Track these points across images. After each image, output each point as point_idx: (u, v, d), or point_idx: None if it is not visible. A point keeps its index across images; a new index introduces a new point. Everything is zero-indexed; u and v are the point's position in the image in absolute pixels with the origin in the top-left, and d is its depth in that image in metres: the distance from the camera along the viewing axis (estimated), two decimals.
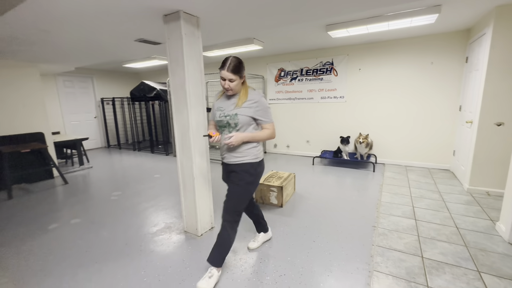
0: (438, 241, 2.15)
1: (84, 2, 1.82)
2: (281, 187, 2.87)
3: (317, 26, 3.28)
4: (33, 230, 2.57)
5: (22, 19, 2.08)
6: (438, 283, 1.67)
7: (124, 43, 3.16)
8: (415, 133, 4.26)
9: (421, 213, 2.65)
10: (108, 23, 2.35)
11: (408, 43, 4.06)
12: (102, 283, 1.76)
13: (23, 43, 2.84)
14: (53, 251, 2.19)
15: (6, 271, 1.95)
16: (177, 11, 2.00)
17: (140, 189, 3.67)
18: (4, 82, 3.85)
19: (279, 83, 5.40)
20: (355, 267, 1.86)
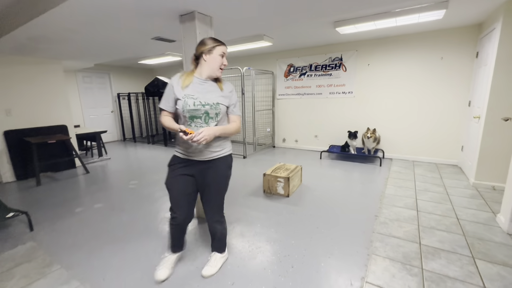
0: (437, 230, 2.25)
1: (110, 4, 2.01)
2: (287, 178, 3.02)
3: (326, 23, 3.36)
4: (61, 213, 2.84)
5: (53, 21, 2.30)
6: (432, 266, 1.78)
7: (142, 41, 3.36)
8: (424, 128, 4.29)
9: (423, 205, 2.74)
10: (129, 23, 2.54)
11: (417, 38, 4.07)
12: (126, 258, 1.98)
13: (51, 42, 3.10)
14: (81, 230, 2.44)
15: (41, 246, 2.20)
16: (192, 12, 2.16)
17: (156, 179, 3.90)
18: (31, 78, 4.15)
19: (288, 78, 5.50)
20: (355, 251, 1.99)
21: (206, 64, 1.50)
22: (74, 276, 1.79)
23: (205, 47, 1.49)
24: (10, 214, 2.41)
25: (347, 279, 1.69)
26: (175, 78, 1.53)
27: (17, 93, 4.02)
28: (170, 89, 1.51)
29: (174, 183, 1.61)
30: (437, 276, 1.69)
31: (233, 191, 3.27)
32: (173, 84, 1.51)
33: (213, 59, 1.50)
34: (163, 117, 1.54)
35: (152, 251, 2.08)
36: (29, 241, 2.28)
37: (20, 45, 3.19)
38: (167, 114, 1.55)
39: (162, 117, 1.54)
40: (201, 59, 1.51)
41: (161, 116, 1.55)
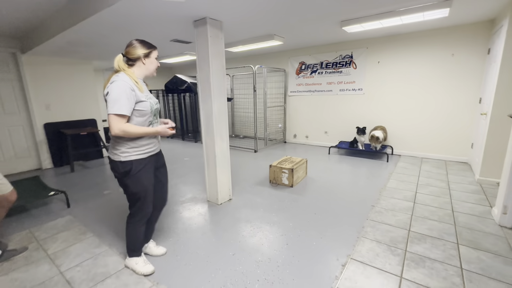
0: (429, 220, 2.38)
1: (136, 13, 2.34)
2: (291, 169, 3.23)
3: (332, 22, 3.51)
4: (92, 194, 3.27)
5: (88, 28, 2.68)
6: (416, 249, 1.94)
7: (162, 43, 3.71)
8: (433, 125, 4.30)
9: (421, 198, 2.85)
10: (151, 28, 2.87)
11: (428, 35, 4.08)
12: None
13: (85, 45, 3.53)
14: (109, 208, 2.83)
15: (77, 219, 2.61)
16: (204, 18, 2.44)
17: (172, 168, 4.27)
18: (67, 77, 4.67)
19: (299, 76, 5.66)
20: (346, 234, 2.19)
21: (145, 67, 1.59)
22: (104, 242, 2.16)
23: (144, 51, 1.56)
24: (52, 193, 2.85)
25: (334, 255, 1.90)
26: (128, 82, 1.47)
27: (55, 90, 4.55)
28: (131, 93, 1.46)
29: (147, 188, 1.64)
30: (418, 257, 1.85)
31: (242, 181, 3.54)
32: (133, 88, 1.48)
33: (151, 63, 1.61)
34: (129, 125, 1.46)
35: (167, 226, 2.40)
36: (67, 215, 2.70)
37: (60, 48, 3.65)
38: (126, 120, 1.47)
39: (128, 125, 1.46)
40: (139, 61, 1.57)
41: (123, 124, 1.44)
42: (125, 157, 1.54)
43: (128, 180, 1.58)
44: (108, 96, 1.43)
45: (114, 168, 1.58)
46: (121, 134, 1.45)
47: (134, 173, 1.57)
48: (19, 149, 4.31)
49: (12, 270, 1.85)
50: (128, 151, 1.54)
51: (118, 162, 1.54)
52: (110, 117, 1.42)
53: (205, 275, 1.75)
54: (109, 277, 1.75)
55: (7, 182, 1.87)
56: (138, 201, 1.65)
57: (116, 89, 1.42)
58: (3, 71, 4.03)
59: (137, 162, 1.57)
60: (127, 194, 1.66)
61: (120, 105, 1.41)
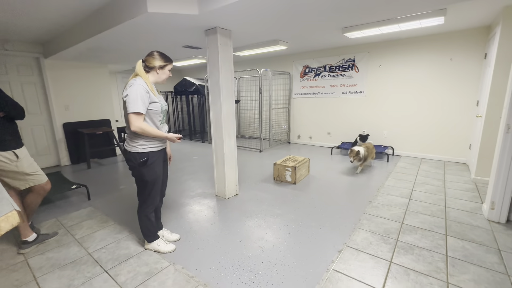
0: (422, 214, 2.55)
1: (153, 23, 2.59)
2: (294, 167, 3.44)
3: (335, 29, 3.71)
4: (109, 189, 3.54)
5: (109, 36, 2.94)
6: (406, 239, 2.13)
7: (174, 48, 3.98)
8: (433, 127, 4.45)
9: (417, 195, 3.02)
10: (166, 35, 3.13)
11: (426, 40, 4.24)
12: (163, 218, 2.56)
13: (104, 51, 3.81)
14: (125, 201, 3.09)
15: (98, 209, 2.86)
16: (215, 27, 2.68)
17: (182, 167, 4.52)
18: (84, 79, 4.98)
19: (303, 78, 5.87)
20: (343, 225, 2.38)
21: (158, 76, 1.85)
22: (125, 229, 2.41)
23: (160, 63, 1.81)
24: (74, 186, 3.12)
25: (331, 243, 2.11)
26: (144, 85, 1.72)
27: (73, 92, 4.86)
28: (146, 95, 1.70)
29: (159, 176, 1.90)
30: (407, 245, 2.04)
31: (248, 178, 3.76)
32: (148, 90, 1.72)
33: (164, 73, 1.87)
34: (146, 125, 1.70)
35: (181, 216, 2.64)
36: (88, 206, 2.97)
37: (80, 54, 3.95)
38: (143, 117, 1.69)
39: (146, 125, 1.70)
40: (154, 70, 1.82)
41: (141, 123, 1.67)
42: (142, 149, 1.78)
43: (144, 170, 1.82)
44: (127, 98, 1.68)
45: (131, 159, 1.82)
46: (139, 131, 1.68)
47: (150, 163, 1.82)
48: (40, 147, 4.62)
49: (47, 250, 2.10)
50: (145, 143, 1.79)
51: (136, 153, 1.79)
52: (129, 116, 1.67)
53: (215, 257, 1.97)
54: (131, 257, 1.99)
55: (43, 173, 2.13)
56: (150, 189, 1.89)
57: (134, 91, 1.67)
58: (27, 74, 4.35)
59: (152, 153, 1.83)
60: (141, 182, 1.89)
61: (138, 105, 1.66)
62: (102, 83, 5.25)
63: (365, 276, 1.72)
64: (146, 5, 2.10)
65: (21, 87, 4.30)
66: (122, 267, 1.88)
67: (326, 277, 1.73)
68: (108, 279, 1.76)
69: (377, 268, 1.79)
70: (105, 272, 1.83)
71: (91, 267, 1.89)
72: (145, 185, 1.88)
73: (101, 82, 5.24)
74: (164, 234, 2.21)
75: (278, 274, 1.77)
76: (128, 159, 1.84)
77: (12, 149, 1.89)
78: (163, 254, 2.02)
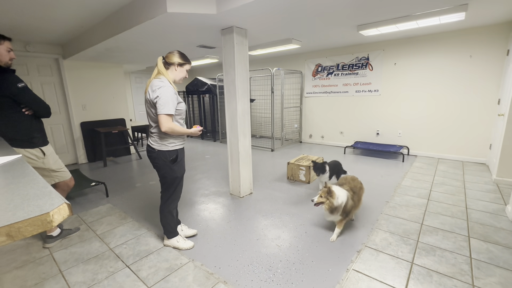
0: (442, 215, 2.49)
1: (170, 23, 2.62)
2: (309, 167, 3.42)
3: (349, 27, 3.66)
4: (126, 186, 3.61)
5: (127, 37, 3.00)
6: (427, 240, 2.08)
7: (189, 48, 4.02)
8: (451, 126, 4.33)
9: (436, 195, 2.95)
10: (181, 35, 3.17)
11: (445, 37, 4.13)
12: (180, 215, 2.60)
13: (121, 51, 3.90)
14: (142, 198, 3.15)
15: (117, 206, 2.93)
16: (231, 27, 2.69)
17: (195, 165, 4.57)
18: (100, 79, 5.10)
19: (316, 77, 5.82)
20: (361, 225, 2.36)
21: (176, 73, 1.85)
22: (143, 226, 2.46)
23: (179, 61, 1.83)
24: (93, 183, 3.20)
25: (349, 243, 2.08)
26: (171, 86, 1.76)
27: (90, 91, 4.98)
28: (175, 96, 1.75)
29: (184, 172, 1.98)
30: (429, 247, 2.00)
31: (261, 177, 3.77)
32: (175, 91, 1.78)
33: (181, 72, 1.88)
34: (175, 125, 1.75)
35: (197, 213, 2.67)
36: (107, 203, 3.04)
37: (98, 54, 4.05)
38: (171, 118, 1.73)
39: (174, 125, 1.74)
40: (173, 67, 1.83)
41: (171, 123, 1.72)
42: (172, 146, 1.86)
43: (175, 166, 1.90)
44: (159, 99, 1.70)
45: (161, 157, 1.85)
46: (169, 131, 1.73)
47: (179, 159, 1.91)
48: (59, 145, 4.76)
49: (70, 245, 2.17)
50: (174, 141, 1.88)
51: (166, 151, 1.85)
52: (161, 117, 1.70)
53: (233, 255, 1.98)
54: (151, 253, 2.03)
55: (67, 170, 2.20)
56: (177, 184, 1.96)
57: (165, 93, 1.71)
58: (47, 74, 4.49)
59: (180, 151, 1.93)
60: (170, 179, 1.92)
61: (169, 107, 1.71)
62: (117, 83, 5.37)
63: (387, 277, 1.69)
64: (166, 5, 2.13)
65: (41, 87, 4.44)
66: (143, 262, 1.92)
67: (346, 276, 1.72)
68: (131, 274, 1.80)
69: (398, 269, 1.76)
70: (127, 267, 1.87)
71: (113, 262, 1.94)
72: (173, 181, 1.94)
73: (116, 82, 5.35)
74: (183, 228, 2.25)
75: (297, 273, 1.77)
76: (156, 158, 1.87)
77: (39, 146, 1.96)
78: (181, 250, 2.05)
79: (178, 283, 1.71)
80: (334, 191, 2.03)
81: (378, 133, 5.13)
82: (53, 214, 0.56)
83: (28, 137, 1.92)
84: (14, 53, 1.87)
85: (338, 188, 2.11)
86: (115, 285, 1.71)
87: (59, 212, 0.58)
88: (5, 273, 1.84)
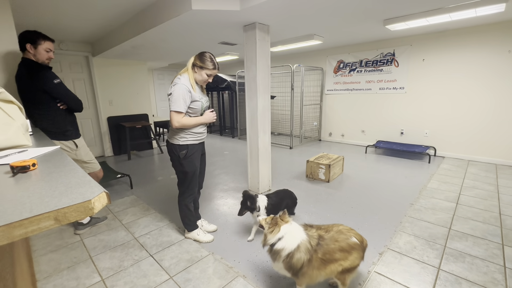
0: (473, 220, 2.35)
1: (193, 20, 2.67)
2: (329, 165, 3.36)
3: (375, 21, 3.52)
4: (148, 179, 3.75)
5: (152, 35, 3.10)
6: (456, 246, 1.98)
7: (210, 45, 4.07)
8: (484, 126, 4.05)
9: (465, 199, 2.78)
10: (205, 32, 3.21)
11: (480, 31, 3.85)
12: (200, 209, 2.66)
13: (146, 49, 4.03)
14: (164, 191, 3.26)
15: (140, 198, 3.06)
16: (254, 23, 2.68)
17: (214, 161, 4.64)
18: (126, 76, 5.31)
19: (337, 74, 5.68)
20: (383, 227, 2.28)
21: (197, 74, 1.85)
22: (165, 217, 2.55)
23: (200, 63, 1.82)
24: (119, 175, 3.36)
25: (371, 245, 2.02)
26: (187, 84, 1.78)
27: (116, 87, 5.21)
28: (187, 94, 1.78)
29: (197, 168, 1.98)
30: (457, 253, 1.90)
31: (279, 174, 3.75)
32: (189, 89, 1.79)
33: (200, 75, 1.85)
34: (184, 118, 1.79)
35: (216, 207, 2.72)
36: (131, 195, 3.18)
37: (124, 52, 4.21)
38: (183, 116, 1.79)
39: (184, 118, 1.79)
40: (195, 68, 1.84)
41: (181, 119, 1.77)
42: (182, 141, 1.89)
43: (184, 161, 1.92)
44: (171, 96, 1.77)
45: (173, 151, 1.92)
46: (180, 126, 1.80)
47: (189, 155, 1.92)
48: (87, 138, 5.03)
49: (98, 233, 2.30)
50: (185, 136, 1.89)
51: (177, 145, 1.89)
52: (171, 113, 1.78)
53: (252, 250, 2.00)
54: (173, 244, 2.10)
55: (97, 162, 2.32)
56: (190, 180, 1.98)
57: (176, 91, 1.75)
58: (77, 71, 4.75)
59: (192, 146, 1.92)
60: (181, 173, 1.99)
61: (179, 104, 1.75)
62: (141, 79, 5.56)
63: (411, 281, 1.63)
64: (191, 3, 2.17)
65: (72, 83, 4.70)
66: (165, 253, 1.99)
67: (368, 278, 1.68)
68: (154, 263, 1.88)
69: (423, 274, 1.69)
70: (151, 256, 1.95)
71: (138, 251, 2.03)
72: (184, 176, 1.97)
73: (140, 79, 5.55)
74: (203, 224, 2.30)
75: None
76: (170, 151, 1.95)
77: (72, 139, 2.09)
78: (202, 243, 2.10)
79: (198, 274, 1.75)
80: (282, 226, 1.44)
81: (402, 132, 4.93)
82: (94, 202, 0.60)
83: (62, 130, 2.04)
84: (52, 53, 1.98)
85: (296, 227, 1.46)
86: (140, 272, 1.79)
87: (99, 200, 0.61)
88: (42, 256, 1.99)
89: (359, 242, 1.44)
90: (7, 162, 0.86)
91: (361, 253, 1.45)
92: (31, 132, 1.51)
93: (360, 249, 1.44)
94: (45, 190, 0.65)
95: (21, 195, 0.62)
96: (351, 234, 1.46)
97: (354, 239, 1.44)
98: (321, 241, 1.40)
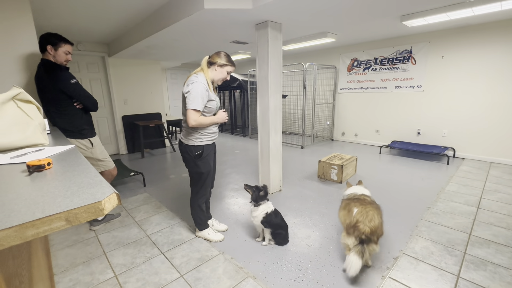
0: (495, 226, 2.23)
1: (205, 19, 2.67)
2: (341, 166, 3.29)
3: (392, 17, 3.40)
4: (161, 177, 3.81)
5: (166, 34, 3.13)
6: (477, 253, 1.88)
7: (222, 44, 4.08)
8: (507, 126, 3.84)
9: (487, 204, 2.65)
10: (217, 31, 3.22)
11: (504, 26, 3.64)
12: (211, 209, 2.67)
13: (160, 48, 4.09)
14: (176, 189, 3.30)
15: (153, 196, 3.11)
16: (266, 21, 2.65)
17: (225, 160, 4.66)
18: (140, 76, 5.42)
19: (351, 72, 5.55)
20: (398, 231, 2.20)
21: (216, 73, 1.85)
22: (176, 216, 2.57)
23: (221, 62, 1.83)
24: (132, 173, 3.43)
25: (385, 249, 1.96)
26: (204, 83, 1.77)
27: (131, 87, 5.32)
28: (205, 93, 1.76)
29: (212, 168, 2.00)
30: (479, 260, 1.80)
31: (290, 174, 3.72)
32: (207, 88, 1.78)
33: (221, 73, 1.86)
34: (201, 117, 1.77)
35: (227, 207, 2.72)
36: (144, 192, 3.24)
37: (138, 52, 4.29)
38: (200, 114, 1.77)
39: (201, 117, 1.77)
40: (214, 66, 1.84)
41: (198, 118, 1.74)
42: (198, 142, 1.88)
43: (199, 162, 1.92)
44: (189, 94, 1.75)
45: (187, 151, 1.91)
46: (196, 125, 1.77)
47: (205, 155, 1.92)
48: (103, 136, 5.18)
49: (112, 229, 2.35)
50: (201, 137, 1.89)
51: (192, 146, 1.89)
52: (189, 111, 1.74)
53: (262, 251, 1.99)
54: (184, 243, 2.11)
55: (111, 160, 2.38)
56: (204, 180, 1.98)
57: (195, 89, 1.73)
58: (94, 71, 4.89)
59: (207, 146, 1.92)
60: (196, 174, 1.98)
61: (197, 102, 1.73)
62: (155, 78, 5.66)
63: None
64: (203, 2, 2.17)
65: (89, 83, 4.85)
66: (176, 251, 2.01)
67: (382, 284, 1.62)
68: (165, 261, 1.90)
69: (441, 282, 1.62)
70: (162, 254, 1.98)
71: (149, 248, 2.06)
72: (199, 176, 1.97)
73: (154, 78, 5.64)
74: (214, 223, 2.31)
75: (328, 275, 1.71)
76: (184, 151, 1.94)
77: (88, 137, 2.15)
78: (212, 242, 2.11)
79: (209, 273, 1.76)
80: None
81: (419, 133, 4.75)
82: (105, 203, 0.60)
83: (78, 129, 2.10)
84: (70, 56, 2.04)
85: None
86: (151, 270, 1.81)
87: (110, 201, 0.61)
88: (59, 250, 2.06)
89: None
90: (24, 160, 0.88)
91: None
92: (49, 131, 1.55)
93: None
94: (58, 190, 0.66)
95: (36, 194, 0.63)
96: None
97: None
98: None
